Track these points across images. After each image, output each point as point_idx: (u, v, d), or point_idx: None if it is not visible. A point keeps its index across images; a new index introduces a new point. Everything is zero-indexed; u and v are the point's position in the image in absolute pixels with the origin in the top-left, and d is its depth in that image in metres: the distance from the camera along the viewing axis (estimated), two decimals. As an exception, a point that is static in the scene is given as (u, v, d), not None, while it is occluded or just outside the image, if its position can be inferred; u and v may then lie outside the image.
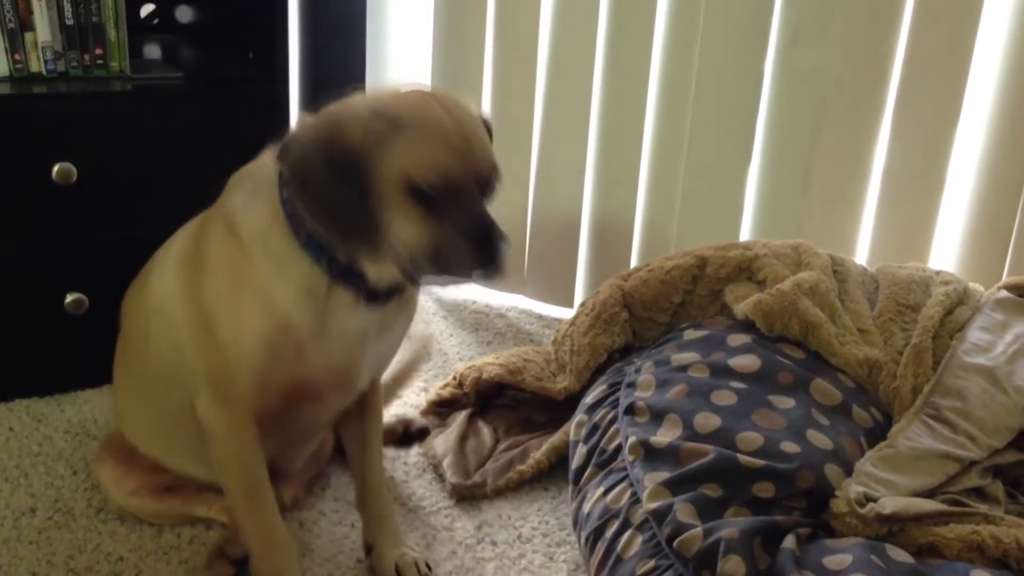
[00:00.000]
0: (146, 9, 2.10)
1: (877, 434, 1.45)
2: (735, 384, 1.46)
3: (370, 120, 1.13)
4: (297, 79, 2.22)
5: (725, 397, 1.44)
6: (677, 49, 2.11)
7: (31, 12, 1.81)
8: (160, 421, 1.41)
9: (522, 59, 2.23)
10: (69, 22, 1.84)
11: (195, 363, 1.26)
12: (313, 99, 2.27)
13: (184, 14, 2.15)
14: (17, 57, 1.83)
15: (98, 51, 1.88)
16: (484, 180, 1.18)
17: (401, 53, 2.44)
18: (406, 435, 1.74)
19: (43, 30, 1.83)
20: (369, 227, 1.14)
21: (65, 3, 1.84)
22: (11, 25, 1.81)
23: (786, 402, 1.43)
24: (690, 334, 1.63)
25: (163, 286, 1.32)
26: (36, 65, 1.84)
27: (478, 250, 1.15)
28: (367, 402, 1.45)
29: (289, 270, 1.21)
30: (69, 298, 1.78)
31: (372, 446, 1.47)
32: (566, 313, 2.28)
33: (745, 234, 2.18)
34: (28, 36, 1.82)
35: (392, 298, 1.28)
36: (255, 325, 1.21)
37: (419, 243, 1.15)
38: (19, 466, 1.61)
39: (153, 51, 2.12)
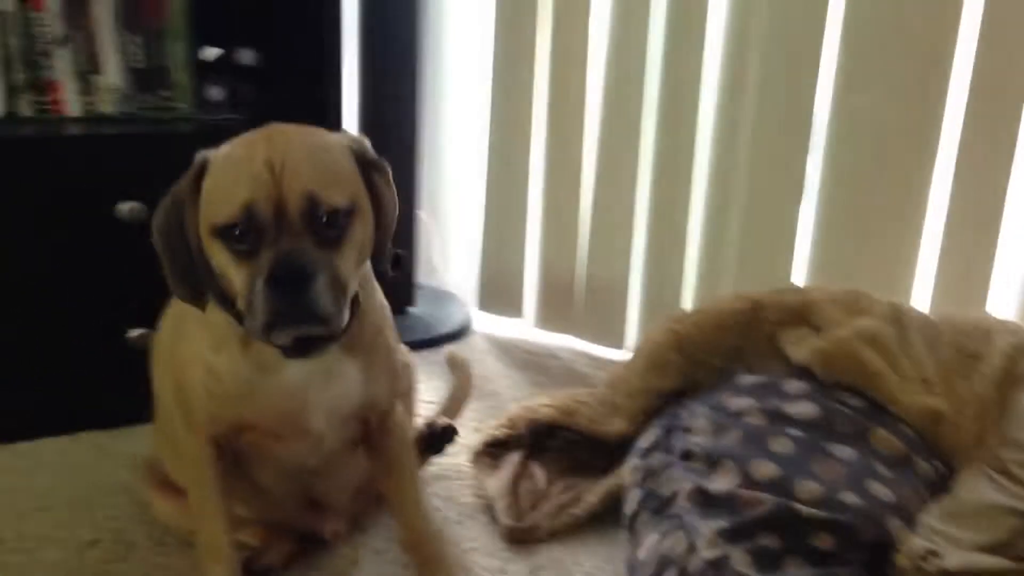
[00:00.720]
0: (211, 53, 2.15)
1: (939, 487, 1.42)
2: (793, 432, 1.45)
3: (194, 168, 1.14)
4: (353, 121, 2.26)
5: (782, 444, 1.42)
6: (730, 92, 2.12)
7: (102, 56, 1.87)
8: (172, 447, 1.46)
9: (575, 100, 2.25)
10: (137, 65, 1.90)
11: (173, 393, 1.34)
12: (370, 139, 2.31)
13: (246, 57, 2.21)
14: (88, 99, 1.88)
15: (164, 93, 1.93)
16: (299, 211, 1.07)
17: (456, 98, 2.48)
18: (432, 438, 1.72)
19: (113, 73, 1.89)
20: (198, 277, 1.14)
21: (134, 47, 1.90)
22: (83, 68, 1.87)
23: (845, 451, 1.41)
24: (746, 379, 1.62)
25: (162, 331, 1.41)
26: (106, 106, 1.89)
27: (275, 297, 1.06)
28: (383, 440, 1.41)
29: (209, 325, 1.23)
30: (133, 333, 1.82)
31: (402, 483, 1.44)
32: (619, 355, 2.27)
33: (800, 279, 2.16)
34: (99, 79, 1.88)
35: (322, 348, 1.20)
36: (196, 373, 1.26)
37: (228, 279, 1.12)
38: (83, 498, 1.64)
39: (216, 93, 2.18)
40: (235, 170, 1.09)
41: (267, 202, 1.06)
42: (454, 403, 1.86)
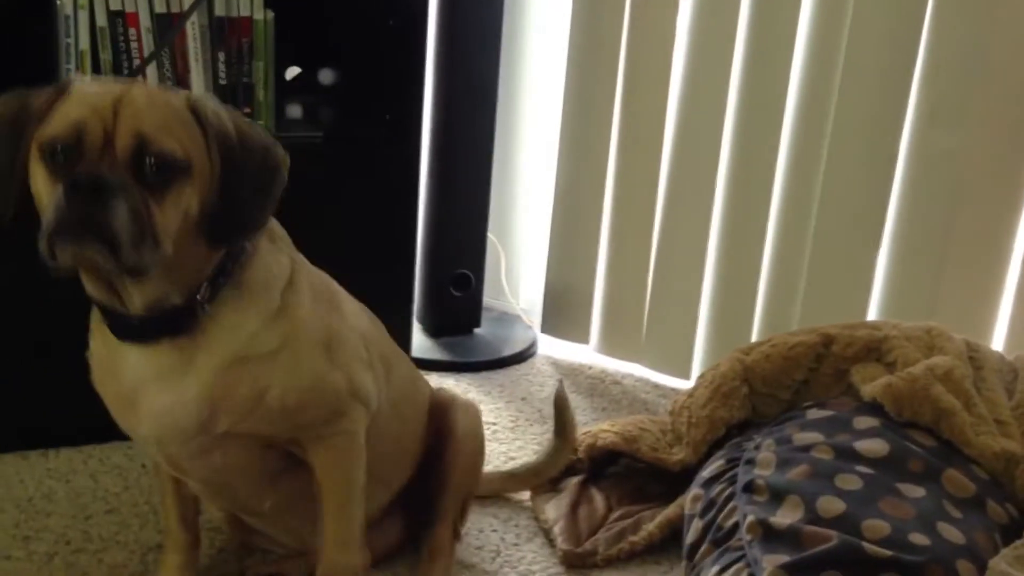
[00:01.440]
0: (292, 72, 2.20)
1: (1012, 531, 1.38)
2: (861, 468, 1.42)
3: (49, 90, 1.10)
4: (428, 143, 2.29)
5: (850, 481, 1.40)
6: (808, 125, 2.10)
7: (189, 72, 1.93)
8: None
9: (648, 127, 2.25)
10: (222, 82, 1.96)
11: None
12: (442, 162, 2.34)
13: (325, 76, 2.25)
14: (173, 113, 1.94)
15: (247, 110, 1.98)
16: (127, 149, 1.04)
17: (531, 122, 2.50)
18: None
19: (198, 88, 1.94)
20: (6, 185, 1.08)
21: (220, 65, 1.95)
22: (170, 83, 1.92)
23: (916, 491, 1.38)
24: (813, 413, 1.59)
25: None
26: (190, 121, 1.95)
27: (67, 202, 1.00)
28: (314, 465, 1.29)
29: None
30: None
31: (323, 512, 1.31)
32: (683, 384, 2.25)
33: (873, 315, 2.12)
34: (185, 94, 1.94)
35: (163, 335, 1.14)
36: None
37: (40, 201, 1.07)
38: (148, 502, 1.68)
39: (296, 111, 2.22)
40: (83, 97, 1.08)
41: (98, 128, 1.04)
42: (550, 464, 1.78)
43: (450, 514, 1.55)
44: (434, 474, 1.53)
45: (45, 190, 1.06)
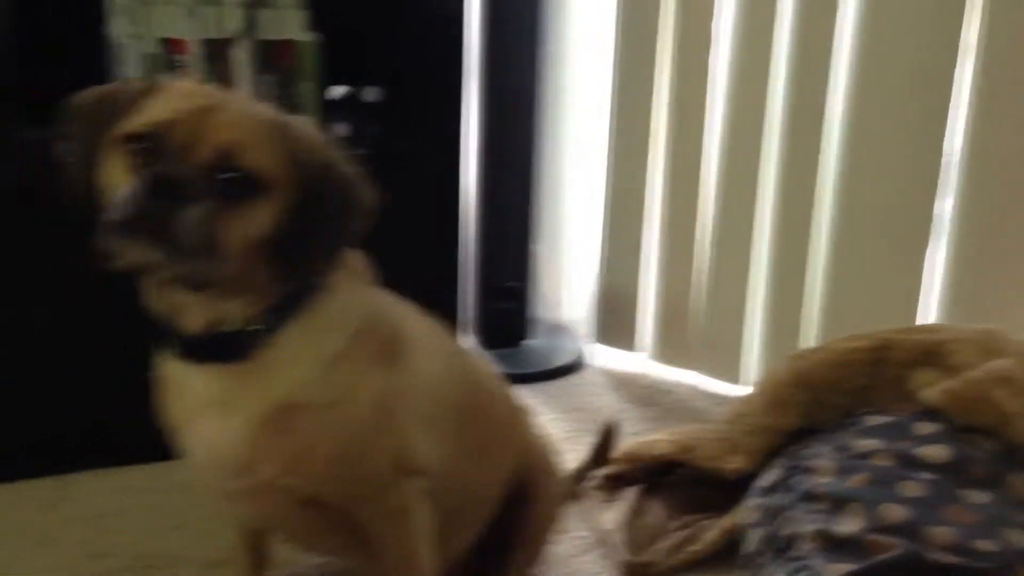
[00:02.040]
0: (337, 91, 2.23)
1: (1082, 536, 1.35)
2: (923, 475, 1.40)
3: (140, 85, 1.07)
4: (474, 156, 2.30)
5: (912, 488, 1.38)
6: (858, 123, 2.08)
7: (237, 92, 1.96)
8: None
9: (694, 133, 2.24)
10: (270, 104, 1.98)
11: None
12: (488, 175, 2.35)
13: (370, 95, 2.28)
14: (224, 135, 1.97)
15: (295, 131, 2.01)
16: (210, 157, 1.00)
17: (577, 133, 2.50)
18: None
19: (248, 111, 1.98)
20: (84, 175, 1.06)
21: (267, 87, 1.98)
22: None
23: (979, 497, 1.36)
24: (872, 420, 1.58)
25: None
26: (240, 143, 1.98)
27: (139, 196, 0.97)
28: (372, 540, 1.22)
29: None
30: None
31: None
32: (737, 391, 2.24)
33: (930, 318, 2.09)
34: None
35: (214, 359, 1.10)
36: None
37: (108, 194, 1.02)
38: (215, 518, 1.70)
39: (342, 129, 2.25)
40: (174, 97, 1.04)
41: (183, 130, 1.00)
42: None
43: (521, 563, 1.47)
44: (509, 525, 1.44)
45: (117, 183, 1.02)
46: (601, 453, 1.80)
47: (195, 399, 1.13)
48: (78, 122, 1.08)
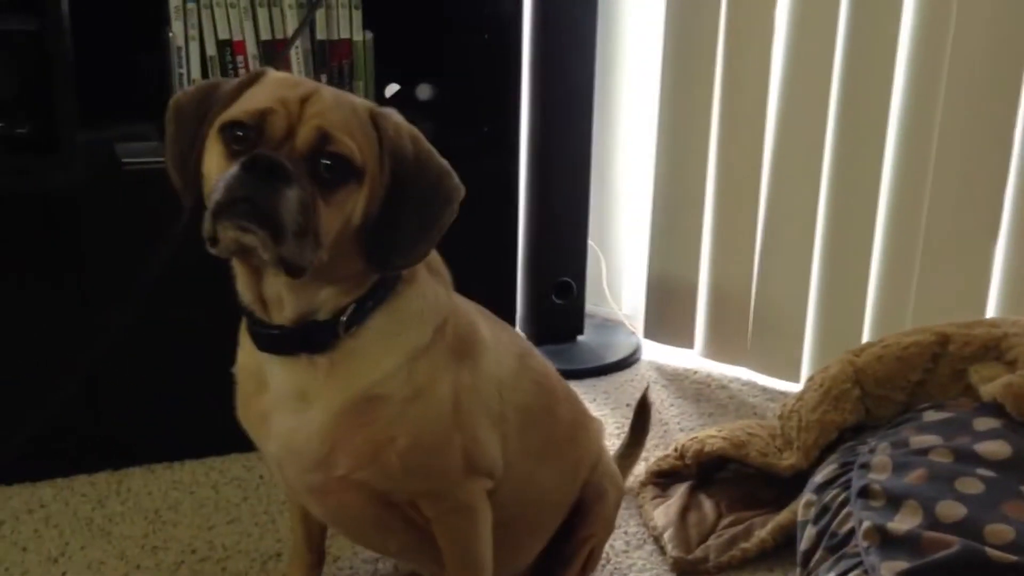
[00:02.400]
0: (391, 89, 2.25)
1: None
2: (982, 472, 1.37)
3: (242, 78, 1.11)
4: (526, 152, 2.30)
5: (971, 485, 1.35)
6: (916, 113, 2.04)
7: (293, 94, 1.99)
8: None
9: (748, 127, 2.22)
10: (325, 102, 2.01)
11: None
12: (540, 171, 2.35)
13: (424, 92, 2.29)
14: (279, 135, 2.00)
15: (349, 128, 2.03)
16: (308, 142, 1.03)
17: (629, 128, 2.50)
18: None
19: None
20: (188, 167, 1.09)
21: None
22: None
23: (1041, 494, 1.33)
24: (930, 415, 1.55)
25: None
26: (295, 141, 2.01)
27: (241, 177, 0.99)
28: (436, 533, 1.24)
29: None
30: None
31: None
32: (792, 387, 2.21)
33: (991, 312, 2.05)
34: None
35: (300, 350, 1.12)
36: None
37: (209, 180, 1.06)
38: (267, 512, 1.73)
39: (396, 127, 2.27)
40: (273, 86, 1.08)
41: (282, 117, 1.04)
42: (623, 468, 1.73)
43: (577, 573, 1.47)
44: (571, 531, 1.44)
45: (218, 168, 1.05)
46: (638, 431, 1.78)
47: (276, 392, 1.15)
48: (181, 115, 1.12)
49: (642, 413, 1.77)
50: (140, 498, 1.76)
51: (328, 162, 1.04)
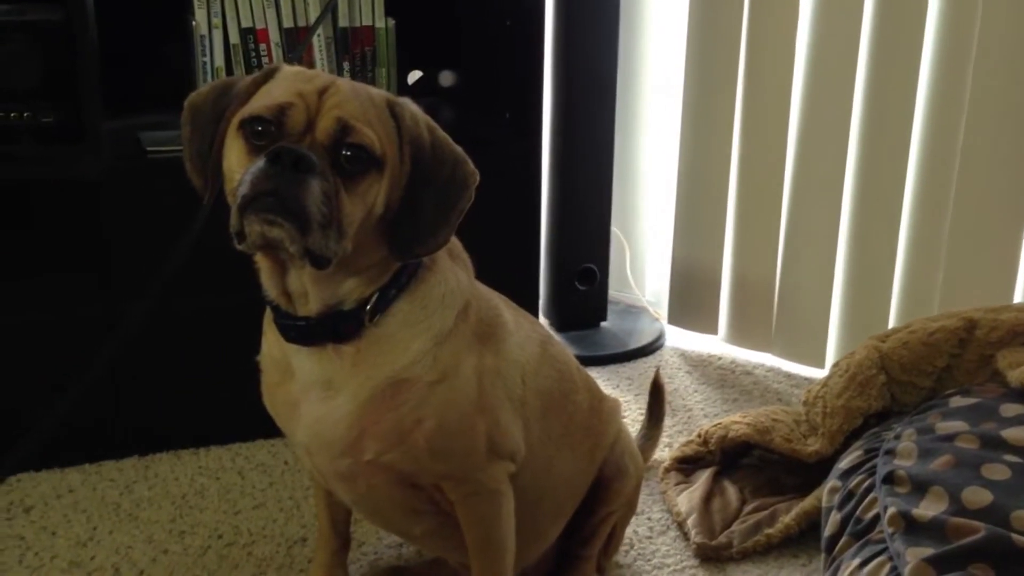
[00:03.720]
0: (413, 76, 2.25)
1: None
2: (1009, 458, 1.36)
3: (256, 74, 1.13)
4: (548, 138, 2.30)
5: (998, 471, 1.34)
6: (943, 96, 2.01)
7: (316, 81, 2.00)
8: None
9: (772, 111, 2.20)
10: (348, 89, 2.02)
11: None
12: (563, 157, 2.35)
13: (446, 78, 2.29)
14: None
15: (371, 115, 2.03)
16: (328, 134, 1.05)
17: (651, 113, 2.48)
18: None
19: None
20: (206, 165, 1.11)
21: (345, 73, 2.01)
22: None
23: (1069, 480, 1.31)
24: (957, 401, 1.53)
25: None
26: (318, 128, 2.02)
27: (265, 171, 1.01)
28: (459, 515, 1.25)
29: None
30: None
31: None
32: (816, 373, 2.20)
33: (1019, 297, 2.02)
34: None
35: (326, 339, 1.14)
36: None
37: (231, 177, 1.08)
38: (292, 497, 1.75)
39: (418, 114, 2.27)
40: (290, 80, 1.09)
41: (301, 110, 1.06)
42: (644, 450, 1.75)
43: (599, 552, 1.49)
44: (590, 514, 1.45)
45: (239, 164, 1.07)
46: (656, 413, 1.80)
47: (302, 381, 1.17)
48: (197, 115, 1.14)
49: (656, 394, 1.79)
50: (167, 483, 1.78)
51: (349, 153, 1.06)
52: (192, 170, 1.15)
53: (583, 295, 2.40)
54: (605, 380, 2.20)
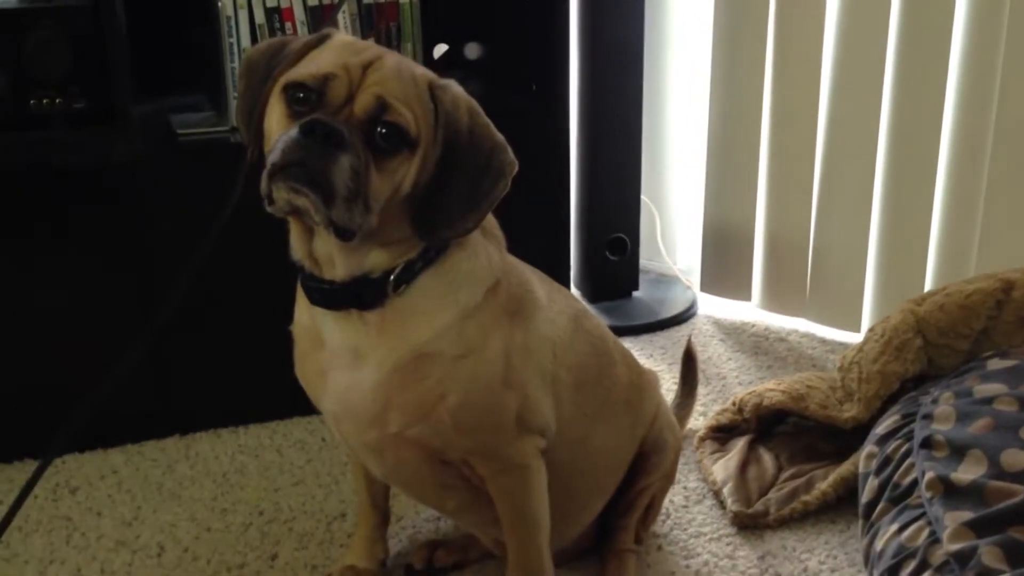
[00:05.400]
0: (439, 49, 2.24)
1: None
2: (1049, 420, 1.34)
3: (309, 37, 1.14)
4: (576, 108, 2.28)
5: (1038, 434, 1.33)
6: (978, 56, 1.97)
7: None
8: None
9: (803, 73, 2.17)
10: (373, 66, 2.01)
11: None
12: (591, 128, 2.33)
13: (472, 51, 2.28)
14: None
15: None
16: (366, 108, 1.05)
17: (679, 81, 2.46)
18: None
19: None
20: (252, 121, 1.13)
21: (370, 49, 2.01)
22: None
23: (1110, 442, 1.30)
24: (995, 363, 1.52)
25: None
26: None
27: (298, 141, 1.02)
28: (489, 487, 1.26)
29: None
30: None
31: (507, 546, 1.30)
32: (852, 338, 2.18)
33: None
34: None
35: (350, 305, 1.14)
36: None
37: (269, 138, 1.09)
38: (331, 473, 1.77)
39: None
40: (338, 51, 1.10)
41: (344, 83, 1.06)
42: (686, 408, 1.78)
43: (636, 523, 1.49)
44: (630, 487, 1.46)
45: (278, 127, 1.08)
46: (689, 381, 1.80)
47: (331, 349, 1.18)
48: (252, 71, 1.16)
49: (689, 363, 1.79)
50: (208, 462, 1.81)
51: (384, 130, 1.06)
52: (240, 124, 1.18)
53: (614, 265, 2.39)
54: (638, 350, 2.20)
